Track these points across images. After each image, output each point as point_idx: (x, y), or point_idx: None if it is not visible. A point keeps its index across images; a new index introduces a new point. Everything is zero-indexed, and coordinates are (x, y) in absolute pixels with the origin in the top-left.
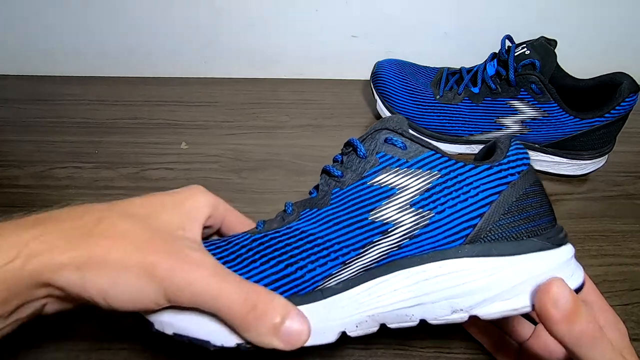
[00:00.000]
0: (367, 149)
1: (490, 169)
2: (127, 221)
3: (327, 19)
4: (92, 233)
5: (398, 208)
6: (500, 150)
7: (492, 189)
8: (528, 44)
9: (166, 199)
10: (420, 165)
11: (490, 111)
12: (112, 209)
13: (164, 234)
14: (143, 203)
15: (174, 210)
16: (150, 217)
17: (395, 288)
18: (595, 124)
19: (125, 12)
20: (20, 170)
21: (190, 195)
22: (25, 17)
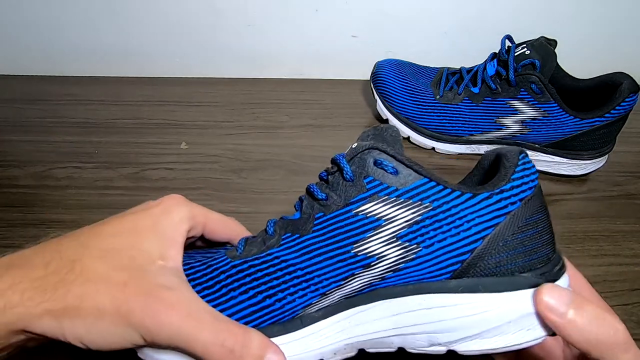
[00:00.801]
0: (354, 172)
1: (489, 199)
2: (101, 264)
3: (327, 19)
4: (65, 281)
5: (383, 241)
6: (504, 170)
7: (488, 221)
8: (528, 44)
9: (140, 224)
10: (411, 195)
11: (490, 111)
12: (85, 248)
13: (139, 273)
14: (116, 232)
15: (150, 236)
16: (125, 251)
17: (375, 318)
18: (595, 124)
19: (125, 12)
20: (20, 170)
21: (166, 213)
22: (25, 17)
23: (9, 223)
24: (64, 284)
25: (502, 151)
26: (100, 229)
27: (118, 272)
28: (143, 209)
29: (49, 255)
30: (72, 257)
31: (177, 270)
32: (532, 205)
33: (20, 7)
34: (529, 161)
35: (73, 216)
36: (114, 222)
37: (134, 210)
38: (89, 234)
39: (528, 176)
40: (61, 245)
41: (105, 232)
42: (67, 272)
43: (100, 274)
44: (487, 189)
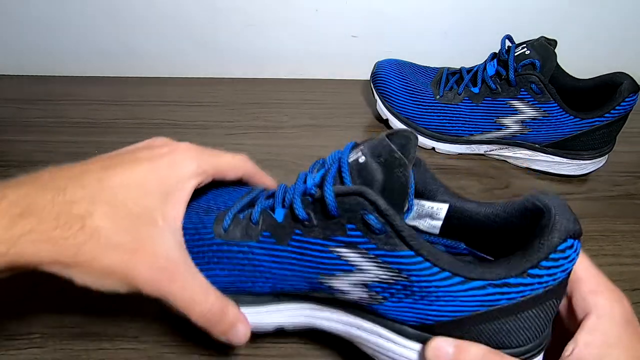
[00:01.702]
0: (340, 208)
1: (483, 289)
2: (110, 224)
3: (327, 19)
4: (76, 239)
5: (352, 283)
6: (537, 250)
7: (470, 307)
8: (528, 44)
9: (148, 179)
10: (392, 261)
11: (490, 111)
12: (94, 203)
13: (145, 239)
14: (124, 184)
15: (156, 193)
16: (132, 207)
17: (334, 320)
18: (595, 124)
19: (125, 12)
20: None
21: (174, 168)
22: (25, 17)
23: None
24: (75, 244)
25: (544, 222)
26: (108, 176)
27: (126, 235)
28: (150, 157)
29: (58, 207)
30: (82, 213)
31: (177, 232)
32: (538, 301)
33: (20, 7)
34: (573, 246)
35: None
36: (121, 170)
37: (140, 155)
38: (97, 183)
39: (557, 269)
40: (70, 196)
41: (113, 182)
42: (78, 230)
43: (110, 238)
44: (483, 278)
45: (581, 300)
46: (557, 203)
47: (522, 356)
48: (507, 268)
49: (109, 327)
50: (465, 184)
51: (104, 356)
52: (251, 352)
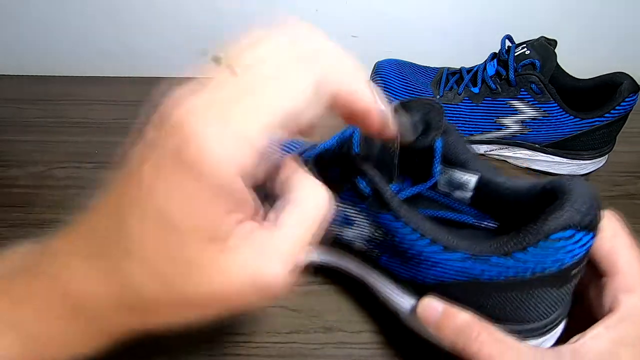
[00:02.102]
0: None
1: (462, 261)
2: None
3: (327, 19)
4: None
5: (355, 237)
6: (527, 234)
7: (452, 275)
8: (528, 44)
9: (201, 187)
10: (379, 222)
11: (490, 111)
12: (139, 263)
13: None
14: (168, 193)
15: (204, 203)
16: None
17: (354, 265)
18: (595, 124)
19: (125, 12)
20: (20, 170)
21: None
22: (25, 17)
23: (9, 223)
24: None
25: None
26: (151, 190)
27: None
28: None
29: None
30: (130, 279)
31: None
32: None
33: (20, 7)
34: (569, 239)
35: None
36: (169, 172)
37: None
38: (134, 229)
39: (541, 262)
40: (114, 260)
41: (158, 196)
42: (131, 300)
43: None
44: (475, 247)
45: (612, 295)
46: (578, 190)
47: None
48: (493, 245)
49: None
50: None
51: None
52: (251, 352)
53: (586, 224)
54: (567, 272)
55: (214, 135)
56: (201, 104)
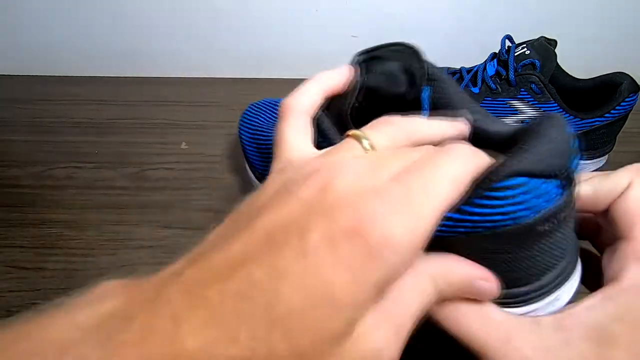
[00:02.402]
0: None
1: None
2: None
3: (327, 19)
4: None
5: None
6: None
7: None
8: (528, 44)
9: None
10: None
11: (490, 111)
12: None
13: None
14: (335, 266)
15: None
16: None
17: None
18: (595, 124)
19: (125, 12)
20: (20, 170)
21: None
22: (25, 17)
23: (9, 223)
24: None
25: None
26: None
27: None
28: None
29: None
30: None
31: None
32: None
33: (20, 7)
34: (515, 188)
35: (73, 216)
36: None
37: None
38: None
39: (482, 215)
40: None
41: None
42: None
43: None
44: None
45: (622, 261)
46: (544, 131)
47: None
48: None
49: None
50: None
51: None
52: None
53: (545, 170)
54: (529, 229)
55: (394, 219)
56: (368, 180)
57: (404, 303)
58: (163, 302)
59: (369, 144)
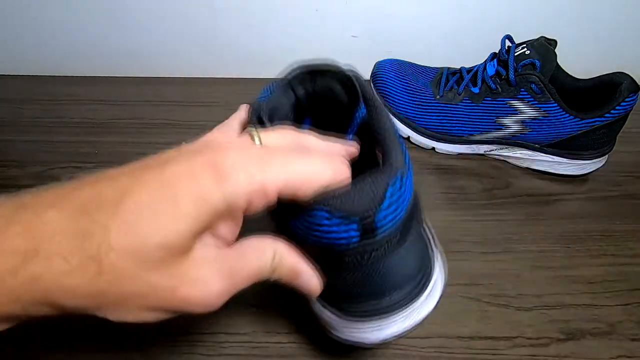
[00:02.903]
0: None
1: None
2: (132, 262)
3: (327, 19)
4: (96, 285)
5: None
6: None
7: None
8: (528, 44)
9: (177, 195)
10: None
11: (490, 111)
12: (110, 231)
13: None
14: (143, 205)
15: (186, 215)
16: (152, 233)
17: None
18: (595, 124)
19: (125, 12)
20: (20, 170)
21: (217, 181)
22: (24, 17)
23: None
24: (95, 291)
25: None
26: (126, 195)
27: (154, 275)
28: (180, 169)
29: (67, 242)
30: (95, 251)
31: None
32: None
33: (20, 7)
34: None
35: None
36: (143, 187)
37: (170, 164)
38: (113, 206)
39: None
40: (82, 227)
41: (130, 204)
42: (95, 275)
43: (135, 281)
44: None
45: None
46: (373, 176)
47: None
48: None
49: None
50: (465, 184)
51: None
52: (251, 352)
53: (345, 213)
54: (337, 256)
55: (245, 168)
56: (239, 147)
57: (244, 258)
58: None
59: (259, 142)
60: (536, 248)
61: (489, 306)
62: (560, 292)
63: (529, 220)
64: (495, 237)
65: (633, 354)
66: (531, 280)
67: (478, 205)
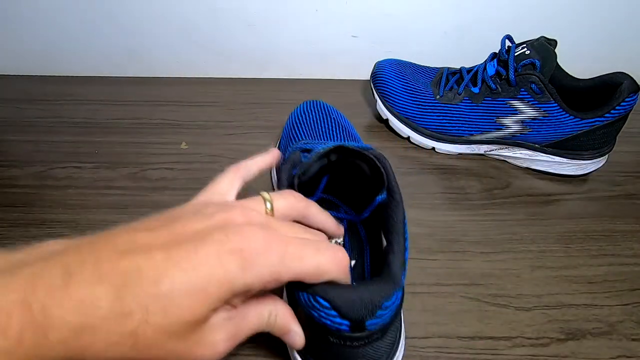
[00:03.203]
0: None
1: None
2: (161, 334)
3: (327, 19)
4: (127, 354)
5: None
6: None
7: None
8: (528, 44)
9: (210, 281)
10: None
11: (490, 111)
12: (149, 311)
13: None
14: (183, 288)
15: (212, 297)
16: (185, 312)
17: None
18: (595, 124)
19: (125, 13)
20: (20, 170)
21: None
22: (25, 17)
23: (9, 223)
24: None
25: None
26: (166, 277)
27: (178, 343)
28: (218, 251)
29: (110, 321)
30: (134, 327)
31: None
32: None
33: (20, 7)
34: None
35: (73, 216)
36: (183, 269)
37: (210, 246)
38: (153, 287)
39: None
40: (121, 306)
41: (171, 286)
42: (130, 347)
43: (159, 346)
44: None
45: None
46: (376, 283)
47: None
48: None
49: None
50: (465, 184)
51: None
52: (250, 352)
53: (343, 311)
54: (325, 333)
55: (267, 259)
56: (260, 228)
57: (246, 320)
58: (58, 256)
59: (271, 206)
60: (536, 248)
61: (489, 306)
62: (560, 292)
63: (529, 220)
64: (495, 237)
65: (633, 354)
66: (531, 280)
67: (478, 205)
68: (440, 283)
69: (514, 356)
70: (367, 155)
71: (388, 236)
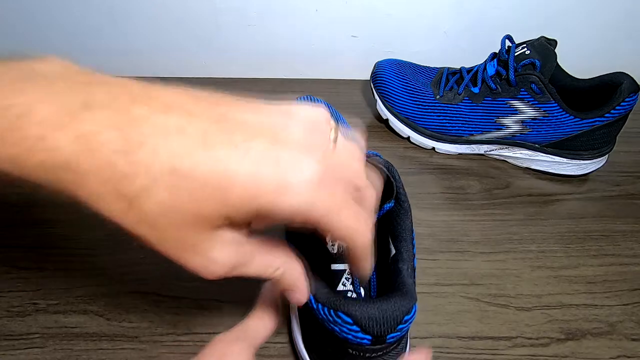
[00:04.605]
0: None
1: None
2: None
3: (327, 19)
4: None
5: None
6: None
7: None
8: (528, 44)
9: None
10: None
11: (490, 111)
12: (157, 180)
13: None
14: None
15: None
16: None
17: None
18: (595, 124)
19: (125, 12)
20: None
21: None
22: (24, 16)
23: (9, 223)
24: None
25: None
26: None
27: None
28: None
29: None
30: (137, 192)
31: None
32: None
33: (20, 6)
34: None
35: (73, 216)
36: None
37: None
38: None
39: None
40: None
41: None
42: (129, 211)
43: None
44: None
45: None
46: (398, 301)
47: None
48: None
49: (108, 327)
50: (465, 184)
51: (103, 356)
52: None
53: (364, 326)
54: (346, 346)
55: (308, 193)
56: (315, 158)
57: (252, 262)
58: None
59: (334, 137)
60: (536, 248)
61: (489, 306)
62: (560, 292)
63: (529, 220)
64: (495, 237)
65: (633, 354)
66: (531, 280)
67: (478, 205)
68: (440, 283)
69: (514, 356)
70: (375, 165)
71: (396, 244)
